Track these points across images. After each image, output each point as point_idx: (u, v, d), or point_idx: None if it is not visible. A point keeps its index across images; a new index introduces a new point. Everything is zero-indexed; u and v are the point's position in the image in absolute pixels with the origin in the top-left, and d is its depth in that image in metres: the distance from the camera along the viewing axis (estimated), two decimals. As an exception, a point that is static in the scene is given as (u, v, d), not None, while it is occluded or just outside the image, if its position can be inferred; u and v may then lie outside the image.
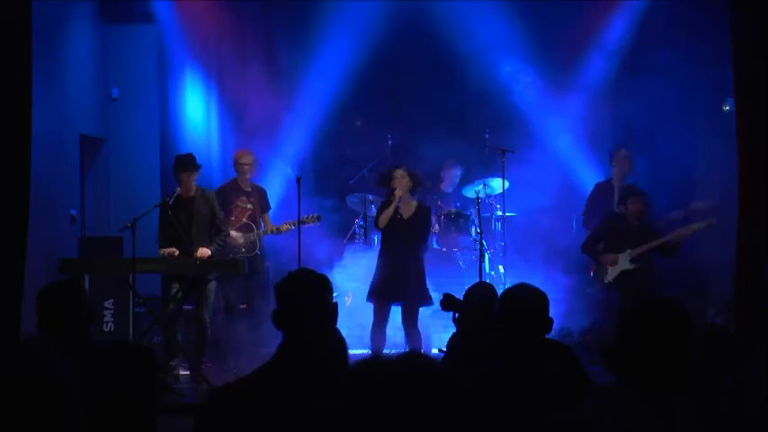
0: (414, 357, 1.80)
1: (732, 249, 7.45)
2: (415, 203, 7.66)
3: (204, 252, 7.85)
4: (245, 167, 8.89)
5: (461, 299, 4.81)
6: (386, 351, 7.61)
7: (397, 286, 7.48)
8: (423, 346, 7.54)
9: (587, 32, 10.14)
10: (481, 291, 4.78)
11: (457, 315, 4.77)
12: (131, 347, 2.87)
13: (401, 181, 7.53)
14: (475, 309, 4.57)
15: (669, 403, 2.47)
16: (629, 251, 8.16)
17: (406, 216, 7.60)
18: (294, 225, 8.59)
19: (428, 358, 1.81)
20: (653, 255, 8.22)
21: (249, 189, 8.97)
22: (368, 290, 7.66)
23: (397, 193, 7.51)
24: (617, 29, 10.09)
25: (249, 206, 8.92)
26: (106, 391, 2.68)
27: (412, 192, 7.63)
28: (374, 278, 7.63)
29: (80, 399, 2.61)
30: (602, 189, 9.20)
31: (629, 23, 10.06)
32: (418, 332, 7.49)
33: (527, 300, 3.70)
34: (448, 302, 4.93)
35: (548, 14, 10.01)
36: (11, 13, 6.60)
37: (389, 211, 7.52)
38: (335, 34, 10.13)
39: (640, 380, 2.51)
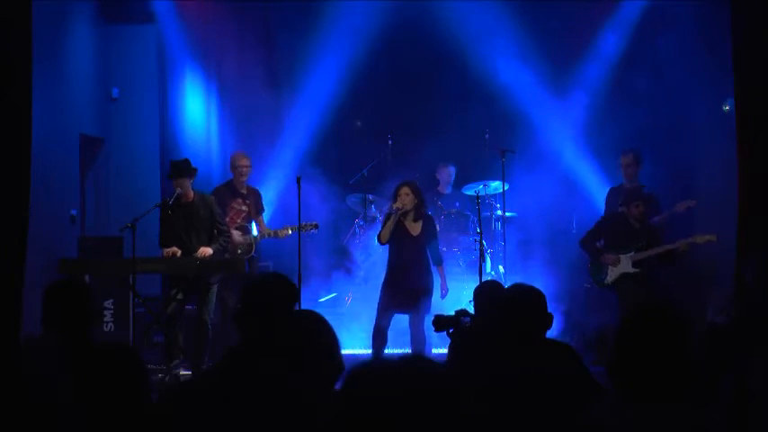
0: (416, 361, 1.79)
1: (732, 248, 7.46)
2: (420, 220, 7.68)
3: (205, 251, 7.85)
4: (243, 170, 8.87)
5: (452, 314, 4.95)
6: (387, 352, 7.65)
7: (405, 303, 7.51)
8: (426, 347, 7.58)
9: (588, 33, 10.13)
10: (491, 289, 4.86)
11: (451, 330, 4.91)
12: (116, 349, 2.85)
13: (404, 199, 7.59)
14: (486, 308, 4.64)
15: (669, 413, 2.46)
16: (631, 254, 8.10)
17: (414, 233, 7.64)
18: (292, 230, 8.59)
19: (430, 362, 1.80)
20: (653, 259, 8.17)
21: (244, 191, 8.95)
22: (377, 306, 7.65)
23: (397, 205, 7.57)
24: (617, 29, 10.08)
25: (244, 208, 8.90)
26: (100, 391, 2.68)
27: (417, 209, 7.64)
28: (382, 293, 7.62)
29: (78, 398, 2.61)
30: (614, 194, 9.13)
31: (629, 24, 10.05)
32: (423, 333, 7.51)
33: (526, 300, 3.71)
34: (439, 323, 5.06)
35: (548, 16, 10.01)
36: (11, 13, 6.60)
37: (390, 226, 7.58)
38: (335, 34, 10.12)
39: (641, 392, 2.50)
